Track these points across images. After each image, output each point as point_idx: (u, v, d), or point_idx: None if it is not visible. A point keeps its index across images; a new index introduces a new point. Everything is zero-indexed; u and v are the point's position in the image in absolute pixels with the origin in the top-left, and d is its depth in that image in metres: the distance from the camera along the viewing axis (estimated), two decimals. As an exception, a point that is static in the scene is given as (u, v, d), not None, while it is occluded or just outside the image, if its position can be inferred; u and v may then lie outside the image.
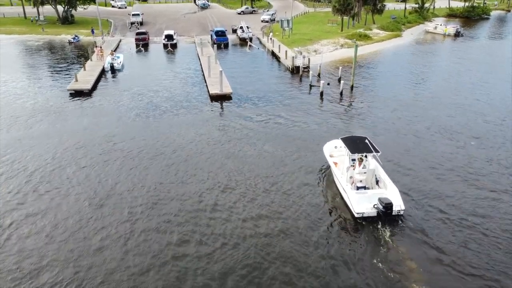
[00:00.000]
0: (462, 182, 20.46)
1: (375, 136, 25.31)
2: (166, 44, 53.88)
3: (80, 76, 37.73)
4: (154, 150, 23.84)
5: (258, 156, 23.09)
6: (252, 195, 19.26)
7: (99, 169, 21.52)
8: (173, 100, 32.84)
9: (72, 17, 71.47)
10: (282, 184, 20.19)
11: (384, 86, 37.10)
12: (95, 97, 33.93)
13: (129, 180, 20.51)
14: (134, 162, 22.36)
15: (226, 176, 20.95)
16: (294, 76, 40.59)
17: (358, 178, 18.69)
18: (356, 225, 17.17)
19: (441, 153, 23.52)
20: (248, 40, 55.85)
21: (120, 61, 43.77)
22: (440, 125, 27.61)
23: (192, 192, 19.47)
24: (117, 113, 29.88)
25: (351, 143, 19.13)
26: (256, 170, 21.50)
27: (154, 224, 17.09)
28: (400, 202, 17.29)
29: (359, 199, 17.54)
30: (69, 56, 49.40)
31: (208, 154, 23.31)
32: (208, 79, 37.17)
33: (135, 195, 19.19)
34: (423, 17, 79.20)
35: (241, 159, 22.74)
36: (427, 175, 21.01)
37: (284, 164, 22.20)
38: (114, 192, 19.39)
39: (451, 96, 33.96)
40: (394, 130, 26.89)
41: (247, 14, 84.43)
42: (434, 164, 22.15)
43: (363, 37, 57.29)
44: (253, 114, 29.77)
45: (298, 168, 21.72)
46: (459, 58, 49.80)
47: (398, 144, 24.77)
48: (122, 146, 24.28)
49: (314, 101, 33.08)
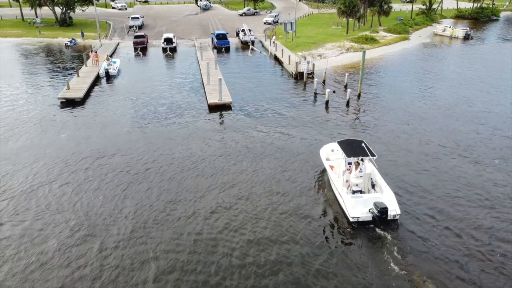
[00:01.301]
0: (467, 197, 18.64)
1: (385, 152, 23.35)
2: (165, 48, 52.05)
3: (73, 83, 35.94)
4: (142, 168, 21.93)
5: (256, 173, 21.16)
6: (248, 218, 17.37)
7: (79, 190, 19.64)
8: (169, 110, 30.96)
9: (70, 19, 69.81)
10: (278, 206, 18.27)
11: (393, 94, 35.04)
12: (87, 106, 32.10)
13: (112, 203, 18.63)
14: (116, 182, 20.46)
15: (219, 195, 19.04)
16: (298, 83, 38.62)
17: (354, 182, 18.34)
18: (351, 230, 16.91)
19: (454, 172, 21.50)
20: (250, 44, 53.91)
21: (116, 66, 41.98)
22: (454, 141, 25.53)
23: (181, 217, 17.59)
24: (108, 125, 27.99)
25: (347, 146, 18.94)
26: (253, 188, 19.57)
27: (143, 253, 15.22)
28: (395, 207, 17.03)
29: (354, 203, 17.29)
30: (64, 60, 47.64)
31: (201, 171, 21.41)
32: (207, 86, 35.28)
33: (115, 219, 17.31)
34: (431, 18, 76.88)
35: (237, 176, 20.81)
36: (437, 194, 19.06)
37: (284, 181, 20.28)
38: (92, 217, 17.52)
39: (464, 107, 31.78)
40: (405, 148, 24.78)
41: (249, 16, 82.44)
42: (447, 185, 20.16)
43: (369, 40, 55.22)
44: (254, 126, 27.83)
45: (297, 186, 19.80)
46: (470, 63, 47.56)
47: (409, 162, 22.75)
48: (107, 163, 22.41)
49: (319, 111, 31.11)
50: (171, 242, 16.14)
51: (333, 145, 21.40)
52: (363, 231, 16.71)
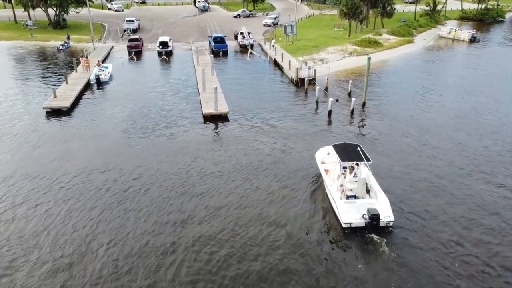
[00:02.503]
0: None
1: (393, 169, 21.39)
2: (160, 51, 50.04)
3: (61, 91, 33.94)
4: (122, 187, 19.99)
5: (248, 194, 19.17)
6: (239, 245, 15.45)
7: (48, 215, 17.66)
8: (161, 120, 28.97)
9: (64, 21, 67.74)
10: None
11: (399, 103, 32.98)
12: (74, 116, 30.09)
13: (85, 230, 16.65)
14: (92, 204, 18.50)
15: (204, 221, 17.08)
16: (299, 90, 36.60)
17: (349, 186, 18.04)
18: (343, 236, 16.60)
19: (462, 189, 19.53)
20: (249, 47, 51.87)
21: (108, 72, 39.97)
22: (463, 155, 23.56)
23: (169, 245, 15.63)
24: (93, 138, 26.01)
25: (342, 150, 18.63)
26: (242, 212, 17.64)
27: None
28: (389, 213, 16.72)
29: (348, 208, 16.98)
30: (55, 65, 45.59)
31: (188, 191, 19.42)
32: (203, 94, 33.29)
33: (85, 251, 15.36)
34: (435, 20, 74.83)
35: (226, 196, 18.83)
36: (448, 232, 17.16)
37: (280, 201, 18.32)
38: (58, 250, 15.56)
39: (473, 117, 29.69)
40: (413, 166, 22.73)
41: (244, 17, 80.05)
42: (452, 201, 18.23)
43: (372, 44, 53.20)
44: (251, 139, 25.86)
45: (295, 201, 17.85)
46: (477, 68, 45.36)
47: (417, 181, 20.77)
48: (84, 181, 20.54)
49: (321, 122, 29.11)
50: (146, 281, 14.18)
51: (329, 148, 20.90)
52: (356, 237, 16.44)
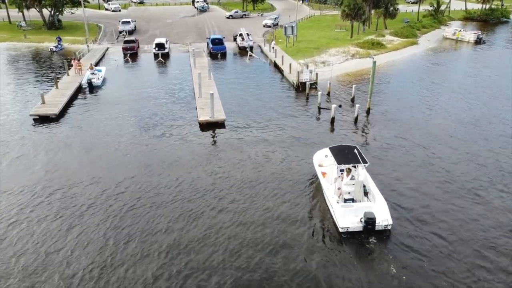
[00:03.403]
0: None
1: (402, 185, 19.81)
2: (156, 53, 48.40)
3: (50, 96, 32.35)
4: (104, 204, 18.41)
5: (245, 212, 17.57)
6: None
7: (23, 235, 16.08)
8: (154, 128, 27.39)
9: (59, 22, 66.08)
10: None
11: (406, 109, 31.32)
12: (62, 124, 28.48)
13: (61, 251, 15.06)
14: (69, 223, 16.93)
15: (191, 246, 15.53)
16: (300, 94, 34.98)
17: (346, 190, 17.69)
18: (340, 241, 16.28)
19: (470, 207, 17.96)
20: (248, 50, 50.22)
21: (101, 75, 38.36)
22: (478, 171, 21.99)
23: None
24: (80, 148, 24.45)
25: (338, 153, 18.38)
26: (242, 230, 16.06)
27: None
28: (387, 217, 16.40)
29: (344, 212, 16.61)
30: (47, 68, 43.95)
31: (182, 207, 17.83)
32: (199, 100, 31.69)
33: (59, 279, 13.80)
34: (439, 20, 73.17)
35: (218, 214, 17.24)
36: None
37: (279, 215, 16.73)
38: (32, 276, 13.97)
39: (485, 125, 28.11)
40: (421, 179, 21.18)
41: (236, 18, 77.63)
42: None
43: (376, 45, 51.53)
44: (249, 149, 24.29)
45: (295, 213, 16.28)
46: (485, 71, 43.65)
47: (429, 198, 19.19)
48: (65, 196, 19.02)
49: (324, 130, 27.51)
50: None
51: (326, 150, 20.42)
52: (353, 241, 16.13)
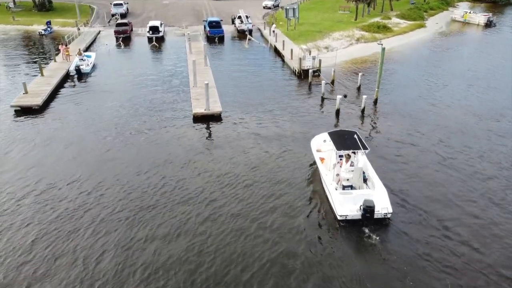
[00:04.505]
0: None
1: (415, 190, 17.89)
2: (150, 37, 45.86)
3: (34, 85, 30.13)
4: (78, 210, 16.45)
5: (238, 219, 15.69)
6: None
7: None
8: (145, 120, 25.33)
9: (50, 4, 63.21)
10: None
11: (417, 99, 29.09)
12: (46, 116, 26.36)
13: (25, 267, 13.22)
14: (41, 233, 15.01)
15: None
16: (302, 83, 32.74)
17: (345, 176, 17.14)
18: (338, 229, 15.80)
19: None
20: (247, 33, 47.59)
21: (91, 61, 36.06)
22: (496, 171, 20.01)
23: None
24: (63, 142, 22.42)
25: (338, 138, 17.68)
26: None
27: None
28: (387, 205, 15.84)
29: (343, 200, 16.09)
30: (34, 53, 41.58)
31: (167, 213, 15.93)
32: (193, 89, 29.49)
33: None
34: (446, 2, 70.13)
35: (205, 221, 15.38)
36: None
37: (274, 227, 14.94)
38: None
39: (506, 120, 26.09)
40: (436, 182, 19.24)
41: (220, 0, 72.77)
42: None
43: (382, 29, 48.91)
44: (247, 144, 22.27)
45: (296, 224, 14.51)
46: (501, 58, 41.17)
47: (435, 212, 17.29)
48: (42, 198, 16.93)
49: (328, 123, 25.38)
50: None
51: (325, 135, 19.59)
52: (351, 229, 15.65)
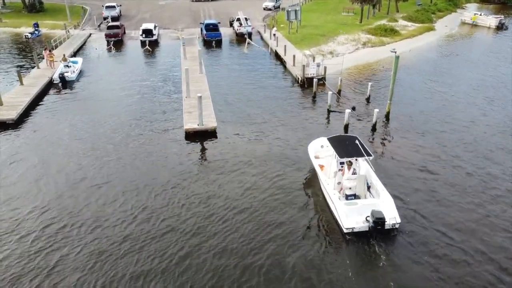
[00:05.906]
0: None
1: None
2: (143, 41, 43.14)
3: (11, 96, 27.42)
4: (48, 240, 13.77)
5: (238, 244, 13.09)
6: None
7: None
8: (132, 136, 22.65)
9: (41, 4, 60.58)
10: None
11: (433, 112, 26.18)
12: (22, 131, 23.68)
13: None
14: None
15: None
16: (305, 93, 30.00)
17: (347, 185, 16.11)
18: (345, 243, 14.69)
19: None
20: (247, 37, 44.85)
21: (77, 68, 33.37)
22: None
23: None
24: (38, 161, 19.70)
25: (338, 144, 16.79)
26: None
27: None
28: (395, 214, 14.95)
29: (348, 211, 15.04)
30: (18, 59, 38.87)
31: (146, 249, 13.24)
32: (186, 100, 26.79)
33: None
34: (454, 3, 67.50)
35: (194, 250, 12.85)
36: None
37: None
38: None
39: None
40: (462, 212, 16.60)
41: (206, 1, 69.44)
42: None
43: (389, 32, 46.19)
44: (245, 166, 19.53)
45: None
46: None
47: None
48: (6, 226, 14.24)
49: (336, 141, 22.69)
50: None
51: (323, 140, 18.68)
52: (359, 243, 14.56)
